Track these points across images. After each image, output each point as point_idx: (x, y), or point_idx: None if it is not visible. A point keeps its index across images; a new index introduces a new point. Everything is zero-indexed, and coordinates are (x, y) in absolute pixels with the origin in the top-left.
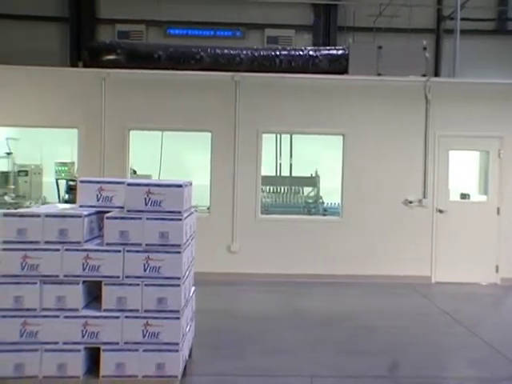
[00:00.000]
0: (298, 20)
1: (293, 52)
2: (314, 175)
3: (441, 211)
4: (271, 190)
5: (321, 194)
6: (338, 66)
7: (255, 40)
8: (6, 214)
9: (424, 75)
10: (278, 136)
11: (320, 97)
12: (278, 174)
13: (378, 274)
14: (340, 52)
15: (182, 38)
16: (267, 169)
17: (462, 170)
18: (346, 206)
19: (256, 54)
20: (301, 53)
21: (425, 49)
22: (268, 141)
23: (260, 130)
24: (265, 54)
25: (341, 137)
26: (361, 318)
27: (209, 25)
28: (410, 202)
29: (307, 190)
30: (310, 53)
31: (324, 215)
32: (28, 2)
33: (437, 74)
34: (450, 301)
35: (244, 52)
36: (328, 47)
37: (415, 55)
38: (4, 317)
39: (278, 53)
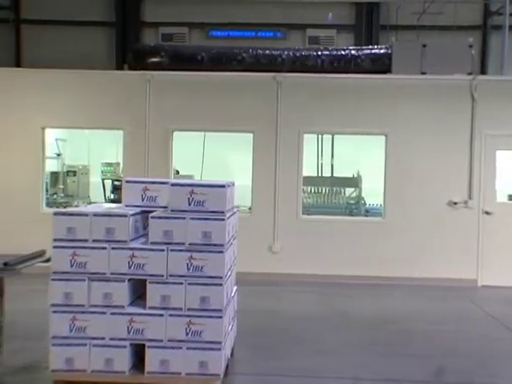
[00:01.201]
0: (340, 19)
1: (335, 52)
2: (355, 176)
3: (487, 213)
4: (312, 191)
5: (363, 194)
6: (381, 65)
7: (296, 40)
8: (56, 213)
9: (470, 73)
10: (320, 136)
11: (362, 97)
12: (320, 174)
13: (421, 276)
14: (383, 51)
15: (224, 39)
16: (308, 169)
17: (510, 170)
18: (389, 207)
19: (298, 55)
20: (343, 52)
21: (471, 46)
22: (309, 141)
23: (302, 130)
24: (306, 54)
25: (383, 137)
26: (405, 321)
27: (250, 26)
28: (455, 204)
29: (349, 190)
30: (352, 52)
31: (366, 216)
32: (76, 8)
33: (483, 72)
34: (498, 305)
35: (286, 52)
36: (370, 46)
37: (461, 53)
38: (55, 312)
39: (319, 53)
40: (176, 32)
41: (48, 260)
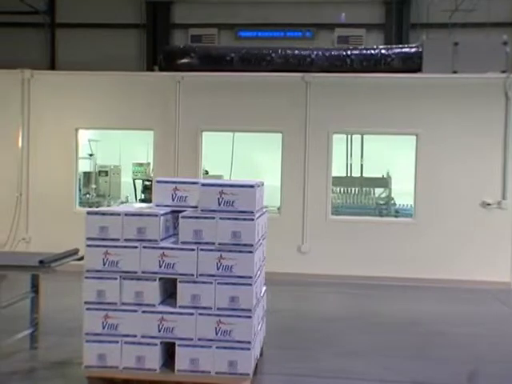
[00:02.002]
0: (369, 19)
1: (364, 51)
2: (385, 176)
3: None
4: (342, 191)
5: (392, 195)
6: (411, 64)
7: (325, 40)
8: (89, 212)
9: (504, 71)
10: (349, 136)
11: (392, 96)
12: (349, 174)
13: (453, 278)
14: (413, 50)
15: (253, 39)
16: (338, 169)
17: None
18: (419, 208)
19: (327, 54)
20: (372, 52)
21: (505, 43)
22: (339, 141)
23: (331, 130)
24: (336, 53)
25: (414, 137)
26: (435, 323)
27: (279, 26)
28: (488, 204)
29: (378, 191)
30: (382, 51)
31: (396, 217)
32: (109, 11)
33: None
34: None
35: (315, 52)
36: (400, 45)
37: (494, 50)
38: (88, 309)
39: (349, 52)
40: (205, 33)
41: (81, 258)
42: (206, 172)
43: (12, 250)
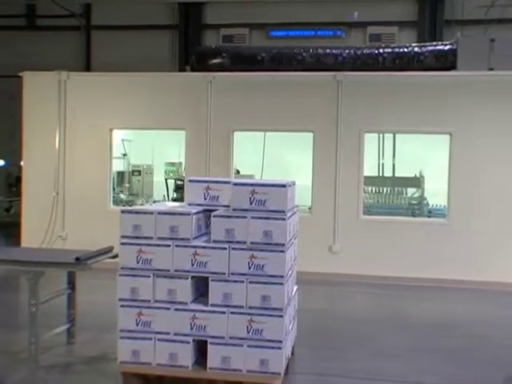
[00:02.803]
0: (402, 16)
1: (397, 49)
2: (418, 176)
3: None
4: (373, 191)
5: (425, 195)
6: (445, 61)
7: (357, 38)
8: (123, 211)
9: None
10: (381, 135)
11: (426, 95)
12: (381, 174)
13: (486, 280)
14: (447, 47)
15: (284, 39)
16: (369, 169)
17: None
18: (453, 208)
19: (359, 53)
20: (405, 50)
21: None
22: (370, 140)
23: (362, 129)
24: (368, 52)
25: (448, 136)
26: (470, 325)
27: (310, 25)
28: None
29: (411, 190)
30: (415, 49)
31: (429, 217)
32: (142, 13)
33: None
34: None
35: (346, 51)
36: (434, 43)
37: None
38: (122, 306)
39: (381, 50)
40: (236, 33)
41: (116, 256)
42: (238, 171)
43: (49, 247)
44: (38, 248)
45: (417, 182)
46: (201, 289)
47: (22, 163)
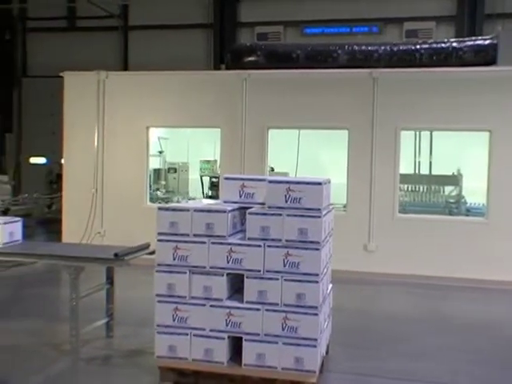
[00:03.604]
0: (439, 11)
1: (434, 45)
2: (455, 174)
3: None
4: (409, 189)
5: (463, 193)
6: (485, 56)
7: (393, 35)
8: (160, 208)
9: None
10: (418, 133)
11: (465, 91)
12: (417, 172)
13: None
14: (487, 42)
15: (319, 36)
16: (405, 167)
17: None
18: (493, 207)
19: (395, 49)
20: (443, 45)
21: None
22: (407, 138)
23: (399, 127)
24: (404, 48)
25: (487, 133)
26: (509, 327)
27: (345, 22)
28: None
29: (448, 189)
30: (454, 44)
31: (467, 216)
32: (177, 13)
33: None
34: None
35: (382, 47)
36: (473, 37)
37: None
38: (159, 302)
39: (418, 46)
40: (271, 31)
41: (153, 252)
42: (272, 169)
43: (88, 243)
44: (78, 244)
45: (454, 179)
46: (236, 286)
47: (62, 161)
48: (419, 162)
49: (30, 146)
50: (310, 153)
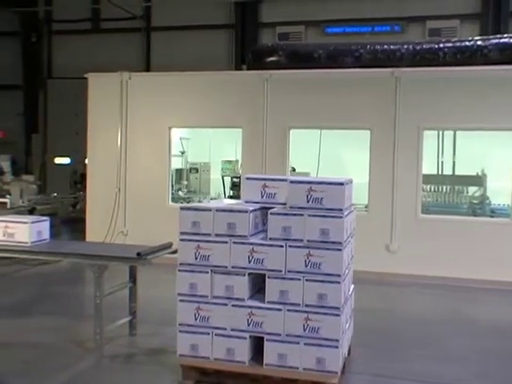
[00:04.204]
0: (463, 8)
1: (458, 43)
2: (479, 174)
3: None
4: (432, 189)
5: (488, 193)
6: (510, 55)
7: (416, 33)
8: (182, 208)
9: None
10: (441, 132)
11: (489, 90)
12: (440, 172)
13: None
14: None
15: (340, 35)
16: (428, 167)
17: None
18: None
19: (418, 48)
20: (467, 43)
21: None
22: (429, 137)
23: (421, 126)
24: (427, 47)
25: None
26: None
27: (367, 21)
28: None
29: (472, 189)
30: (478, 43)
31: (491, 217)
32: (199, 13)
33: None
34: None
35: (405, 46)
36: (499, 35)
37: None
38: (181, 301)
39: (441, 45)
40: (292, 31)
41: (175, 252)
42: (293, 169)
43: (111, 241)
44: (102, 243)
45: (478, 180)
46: (257, 285)
47: (86, 161)
48: (442, 162)
49: (55, 147)
50: (332, 153)
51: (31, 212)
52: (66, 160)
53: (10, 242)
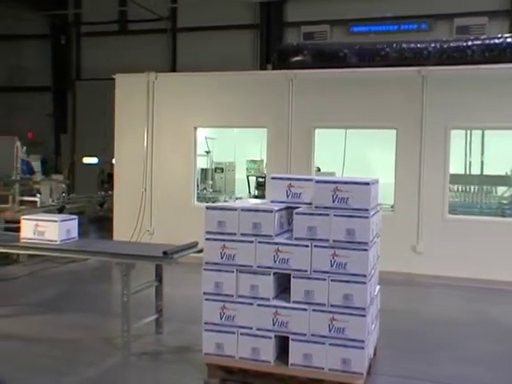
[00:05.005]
0: (492, 5)
1: (487, 41)
2: (509, 174)
3: None
4: (460, 189)
5: None
6: None
7: (443, 31)
8: (208, 207)
9: None
10: (468, 132)
11: None
12: (468, 172)
13: None
14: None
15: (366, 34)
16: (455, 167)
17: None
18: None
19: (445, 46)
20: (496, 41)
21: None
22: (457, 137)
23: (449, 126)
24: (455, 45)
25: None
26: None
27: (393, 19)
28: None
29: (501, 189)
30: (508, 40)
31: None
32: (224, 14)
33: None
34: None
35: (432, 45)
36: None
37: None
38: (207, 300)
39: (469, 43)
40: (317, 30)
41: (200, 251)
42: (318, 169)
43: (138, 240)
44: (129, 241)
45: (507, 180)
46: (283, 285)
47: (113, 161)
48: (470, 162)
49: (83, 147)
50: (357, 152)
51: (60, 211)
52: (93, 160)
53: (40, 240)
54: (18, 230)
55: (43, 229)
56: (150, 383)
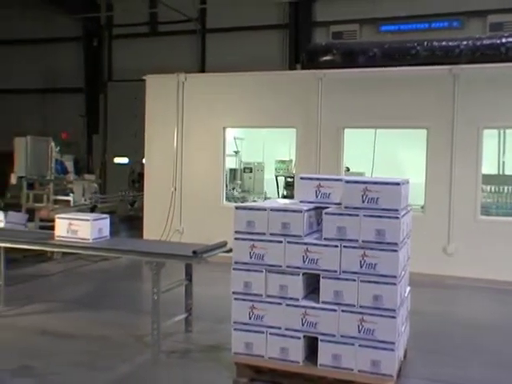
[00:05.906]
0: None
1: None
2: None
3: None
4: (492, 190)
5: None
6: None
7: (476, 29)
8: (237, 207)
9: None
10: (502, 131)
11: None
12: (501, 172)
13: None
14: None
15: (396, 33)
16: (488, 167)
17: None
18: None
19: (478, 44)
20: None
21: None
22: (490, 136)
23: (481, 125)
24: (488, 42)
25: None
26: None
27: (423, 17)
28: None
29: None
30: None
31: None
32: (252, 14)
33: None
34: None
35: (464, 42)
36: None
37: None
38: (236, 299)
39: (503, 40)
40: (346, 29)
41: (229, 250)
42: (348, 169)
43: (168, 239)
44: (159, 240)
45: None
46: (312, 285)
47: (143, 160)
48: (503, 162)
49: (114, 147)
50: (387, 152)
51: (92, 210)
52: (124, 160)
53: (73, 238)
54: (52, 228)
55: (76, 227)
56: (179, 381)
